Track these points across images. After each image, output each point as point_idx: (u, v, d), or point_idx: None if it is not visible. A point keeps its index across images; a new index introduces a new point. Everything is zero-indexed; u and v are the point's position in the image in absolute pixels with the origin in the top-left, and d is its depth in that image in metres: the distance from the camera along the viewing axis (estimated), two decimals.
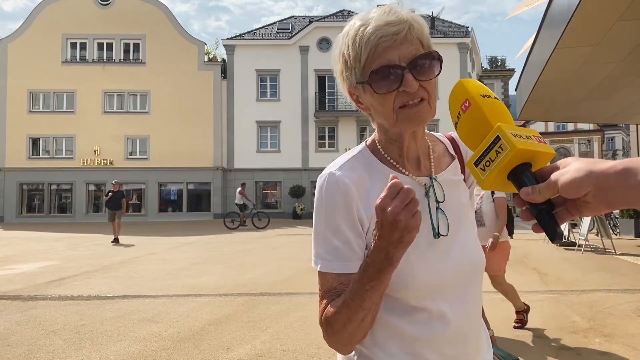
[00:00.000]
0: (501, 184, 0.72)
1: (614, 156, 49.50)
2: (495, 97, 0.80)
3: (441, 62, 0.97)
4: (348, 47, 0.98)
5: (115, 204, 14.79)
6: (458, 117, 0.80)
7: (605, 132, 48.09)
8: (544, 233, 0.69)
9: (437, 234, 1.01)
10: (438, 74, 0.97)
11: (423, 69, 0.94)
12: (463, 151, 1.13)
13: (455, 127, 0.82)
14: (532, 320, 5.25)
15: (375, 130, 1.09)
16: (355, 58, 0.97)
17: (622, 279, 7.71)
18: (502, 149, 0.69)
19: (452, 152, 1.13)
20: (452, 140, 1.14)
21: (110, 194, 14.96)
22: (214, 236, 17.16)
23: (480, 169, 0.72)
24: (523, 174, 0.69)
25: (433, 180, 1.04)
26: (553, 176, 0.65)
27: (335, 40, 1.03)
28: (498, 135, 0.70)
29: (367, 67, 0.96)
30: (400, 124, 0.98)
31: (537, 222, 0.68)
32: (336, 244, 1.00)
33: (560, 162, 0.68)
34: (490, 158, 0.70)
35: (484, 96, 0.79)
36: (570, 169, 0.64)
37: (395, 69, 0.93)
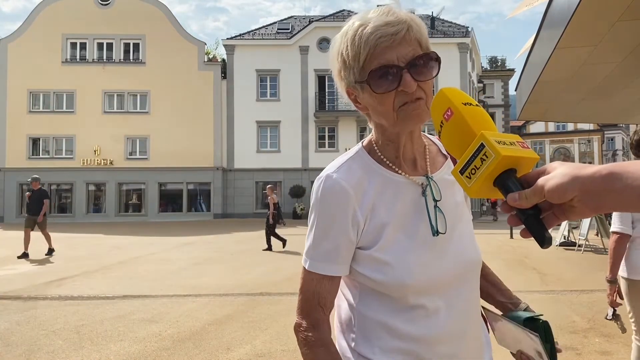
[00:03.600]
0: (488, 191, 0.73)
1: (614, 156, 49.51)
2: (477, 105, 0.80)
3: (439, 62, 0.98)
4: (347, 46, 0.98)
5: (37, 207, 11.22)
6: (441, 126, 0.80)
7: (605, 132, 48.12)
8: (532, 238, 0.69)
9: (435, 232, 1.01)
10: (436, 75, 0.97)
11: (421, 69, 0.95)
12: None
13: (439, 136, 0.83)
14: None
15: (372, 131, 1.09)
16: (354, 57, 0.97)
17: None
18: (487, 157, 0.69)
19: (445, 152, 1.14)
20: None
21: (29, 193, 11.53)
22: (214, 236, 17.16)
23: (466, 177, 0.72)
24: (509, 180, 0.69)
25: (429, 180, 1.05)
26: (539, 181, 0.66)
27: (333, 40, 1.03)
28: (482, 143, 0.70)
29: (366, 67, 0.96)
30: (399, 123, 0.99)
31: (525, 227, 0.68)
32: (326, 246, 1.01)
33: (545, 167, 0.69)
34: (475, 166, 0.71)
35: (465, 104, 0.79)
36: (556, 174, 0.65)
37: (394, 69, 0.94)
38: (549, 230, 0.68)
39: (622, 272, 3.01)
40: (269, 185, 13.53)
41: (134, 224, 25.04)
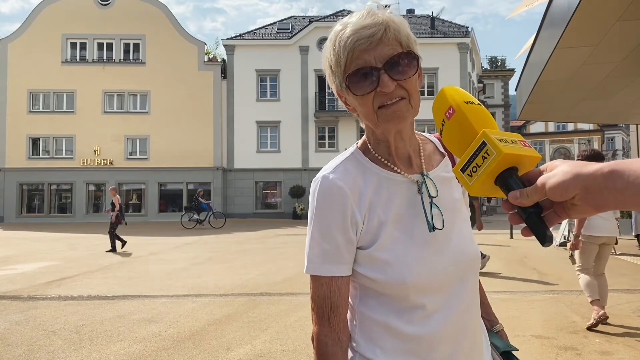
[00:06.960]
0: (489, 189, 0.73)
1: (614, 156, 49.52)
2: (478, 103, 0.81)
3: (418, 60, 0.98)
4: (330, 52, 1.01)
5: None
6: (443, 125, 0.81)
7: (605, 132, 48.12)
8: (534, 236, 0.69)
9: (432, 228, 1.01)
10: (415, 73, 0.98)
11: (399, 68, 0.96)
12: None
13: (440, 135, 0.83)
14: (532, 320, 5.25)
15: (365, 131, 1.10)
16: (337, 63, 0.99)
17: (622, 279, 7.71)
18: (489, 155, 0.69)
19: (442, 150, 1.14)
20: (440, 140, 1.15)
21: None
22: (214, 236, 17.15)
23: (467, 175, 0.72)
24: (510, 178, 0.69)
25: (425, 177, 1.05)
26: (540, 179, 0.66)
27: (324, 45, 1.05)
28: (484, 141, 0.70)
29: (346, 70, 0.98)
30: (381, 125, 1.00)
31: (527, 225, 0.68)
32: (325, 247, 1.01)
33: (546, 165, 0.68)
34: (476, 164, 0.71)
35: (467, 103, 0.79)
36: (557, 172, 0.64)
37: (371, 71, 0.95)
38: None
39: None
40: (112, 187, 13.77)
41: (134, 224, 25.03)
